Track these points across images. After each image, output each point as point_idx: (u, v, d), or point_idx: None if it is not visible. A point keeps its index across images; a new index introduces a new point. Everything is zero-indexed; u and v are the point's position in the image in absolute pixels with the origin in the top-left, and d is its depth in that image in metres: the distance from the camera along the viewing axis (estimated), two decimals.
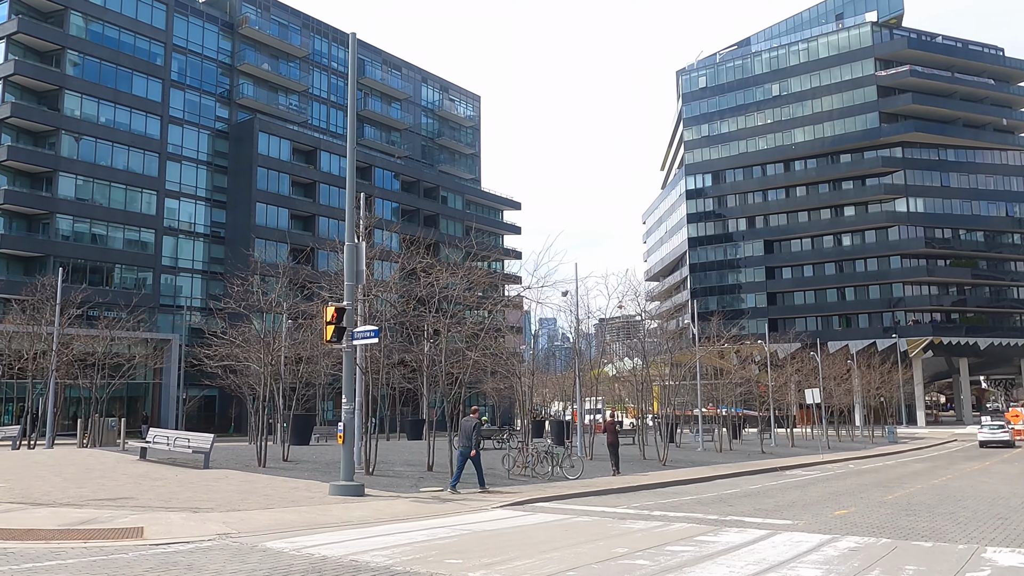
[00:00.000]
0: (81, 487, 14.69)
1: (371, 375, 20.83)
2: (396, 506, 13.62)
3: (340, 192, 69.61)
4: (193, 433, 20.67)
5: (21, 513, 11.41)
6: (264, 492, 14.74)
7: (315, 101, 73.36)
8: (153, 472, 17.85)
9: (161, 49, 60.36)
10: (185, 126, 62.14)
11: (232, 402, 58.86)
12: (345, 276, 15.51)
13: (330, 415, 65.01)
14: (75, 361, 32.82)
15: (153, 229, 58.43)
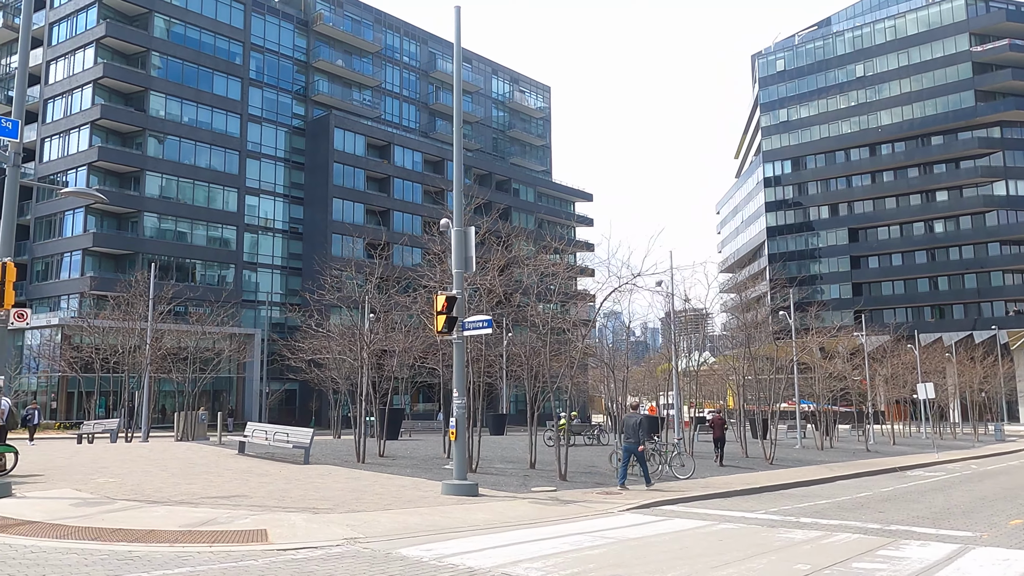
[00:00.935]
0: (191, 483, 14.29)
1: (472, 368, 20.00)
2: (516, 508, 12.70)
3: (414, 187, 69.68)
4: (291, 428, 20.30)
5: (138, 511, 10.94)
6: (375, 491, 14.05)
7: (387, 96, 73.49)
8: (256, 468, 17.45)
9: (240, 48, 61.27)
10: (263, 124, 63.00)
11: (313, 396, 59.51)
12: (453, 263, 14.67)
13: (406, 410, 65.16)
14: (168, 355, 33.24)
15: (234, 226, 59.43)
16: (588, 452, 26.80)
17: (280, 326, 62.72)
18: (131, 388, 36.10)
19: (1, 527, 9.75)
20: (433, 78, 77.23)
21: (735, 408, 39.50)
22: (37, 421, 26.01)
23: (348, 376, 42.64)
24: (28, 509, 11.03)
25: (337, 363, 41.97)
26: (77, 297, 52.33)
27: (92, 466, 17.32)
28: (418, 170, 70.46)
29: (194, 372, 33.84)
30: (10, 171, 12.81)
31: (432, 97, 76.83)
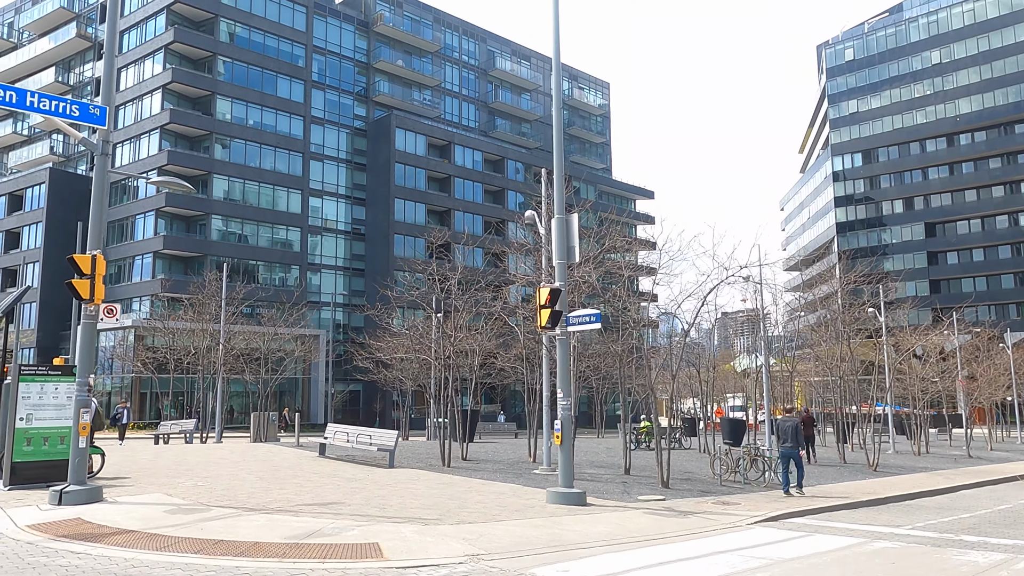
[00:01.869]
0: (281, 488, 13.57)
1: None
2: (634, 520, 11.57)
3: (475, 186, 69.07)
4: (373, 429, 19.56)
5: (236, 520, 10.18)
6: (474, 499, 13.08)
7: (447, 95, 73.06)
8: (341, 471, 16.71)
9: (302, 51, 61.56)
10: (326, 125, 63.20)
11: (376, 396, 59.31)
12: (555, 254, 13.62)
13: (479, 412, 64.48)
14: (240, 356, 33.11)
15: (298, 227, 59.68)
16: (676, 457, 25.44)
17: (343, 327, 62.83)
18: (204, 389, 36.14)
19: (98, 536, 9.08)
20: (492, 76, 76.55)
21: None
22: (126, 420, 25.75)
23: (415, 377, 42.21)
24: (122, 516, 10.39)
25: (404, 364, 41.53)
26: (149, 299, 53.14)
27: (177, 468, 16.84)
28: (478, 169, 69.81)
29: (266, 373, 33.64)
30: (98, 160, 12.29)
31: (491, 96, 76.15)
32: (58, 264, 56.52)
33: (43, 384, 13.44)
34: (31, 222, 59.06)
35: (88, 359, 11.66)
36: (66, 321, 57.10)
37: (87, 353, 11.68)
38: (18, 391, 13.13)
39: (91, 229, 11.99)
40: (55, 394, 13.56)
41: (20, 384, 13.17)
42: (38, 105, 11.54)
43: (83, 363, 11.63)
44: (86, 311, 11.70)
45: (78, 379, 11.58)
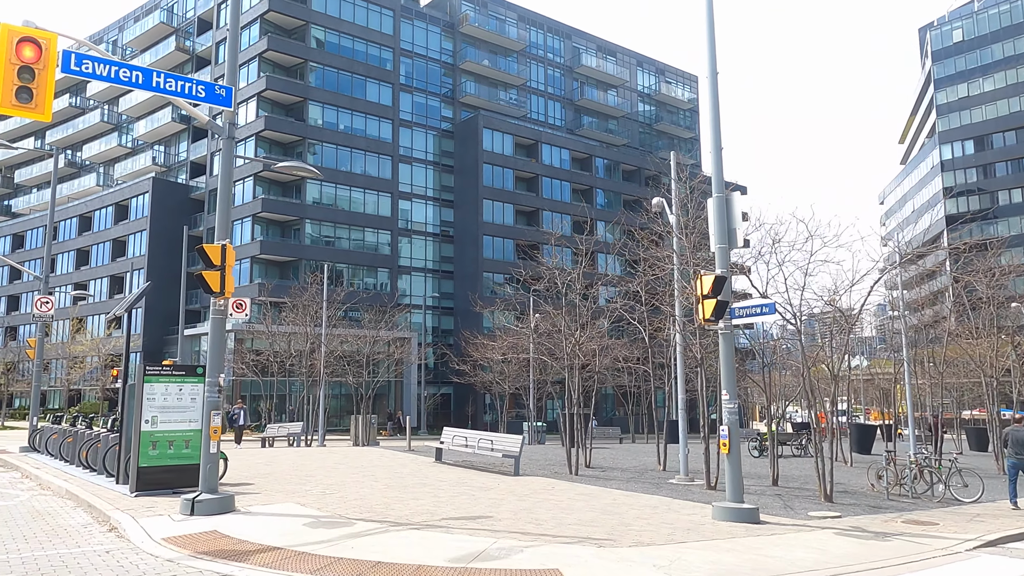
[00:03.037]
0: (416, 497, 12.47)
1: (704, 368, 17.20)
2: (834, 544, 9.87)
3: (562, 185, 67.76)
4: (495, 434, 18.36)
5: (386, 537, 9.05)
6: (630, 514, 11.64)
7: (532, 94, 72.00)
8: (468, 479, 15.55)
9: (390, 54, 61.60)
10: (414, 128, 63.08)
11: (468, 399, 58.67)
12: (714, 238, 12.06)
13: (552, 414, 63.08)
14: (342, 358, 32.72)
15: (388, 230, 59.65)
16: (803, 465, 23.32)
17: (434, 330, 62.47)
18: (303, 392, 35.97)
19: (241, 554, 8.09)
20: (578, 73, 75.07)
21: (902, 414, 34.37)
22: (244, 422, 25.04)
23: (514, 379, 41.08)
24: (261, 530, 9.43)
25: (502, 366, 40.46)
26: (247, 303, 53.89)
27: (297, 474, 16.06)
28: (566, 168, 68.44)
29: (369, 375, 33.15)
30: (225, 144, 11.50)
31: (577, 93, 74.65)
32: (161, 270, 58.22)
33: (167, 385, 12.78)
34: (136, 231, 61.09)
35: (218, 357, 10.83)
36: (170, 326, 58.75)
37: (217, 351, 10.85)
38: (143, 393, 12.50)
39: (218, 218, 11.21)
40: (179, 395, 12.88)
41: (144, 385, 12.54)
42: (164, 86, 10.82)
43: (213, 362, 10.81)
44: (215, 306, 10.89)
45: (208, 379, 10.77)
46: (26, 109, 9.66)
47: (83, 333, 57.99)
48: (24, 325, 68.02)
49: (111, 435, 15.04)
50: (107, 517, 10.49)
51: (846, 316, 17.19)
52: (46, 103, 9.80)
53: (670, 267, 18.84)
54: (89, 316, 61.68)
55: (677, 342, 17.70)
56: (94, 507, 11.38)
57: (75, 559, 8.11)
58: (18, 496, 13.38)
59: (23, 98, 9.59)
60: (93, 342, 55.57)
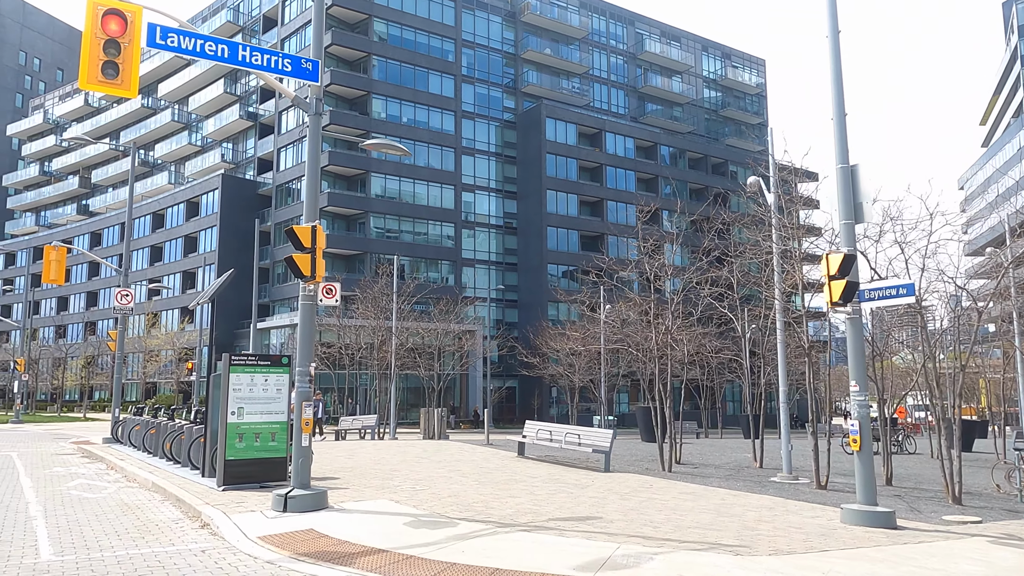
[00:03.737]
0: (512, 495, 11.73)
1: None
2: (1000, 556, 8.70)
3: (627, 174, 66.38)
4: (581, 428, 17.52)
5: (494, 539, 8.31)
6: (749, 516, 10.65)
7: (595, 82, 70.69)
8: (559, 475, 14.75)
9: (452, 46, 61.22)
10: (476, 119, 62.56)
11: (534, 392, 57.94)
12: (840, 212, 10.93)
13: (624, 408, 61.86)
14: (413, 351, 32.37)
15: (452, 223, 59.36)
16: (912, 463, 21.79)
17: (498, 323, 61.90)
18: (372, 385, 35.76)
19: (345, 557, 7.45)
20: (641, 60, 73.38)
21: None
22: (321, 415, 24.56)
23: (585, 371, 40.13)
24: (360, 529, 8.80)
25: (573, 358, 39.55)
26: None
27: (379, 468, 15.54)
28: (630, 156, 67.00)
29: (441, 368, 32.71)
30: (312, 121, 10.95)
31: (640, 80, 72.98)
32: (231, 265, 59.10)
33: (253, 375, 12.34)
34: (206, 227, 62.28)
35: (308, 345, 10.26)
36: (240, 320, 59.71)
37: (307, 339, 10.29)
38: (229, 383, 12.07)
39: (307, 198, 10.66)
40: (264, 386, 12.43)
41: (231, 375, 12.11)
42: (250, 60, 10.30)
43: (304, 350, 10.25)
44: (304, 291, 10.32)
45: (298, 368, 10.22)
46: (112, 85, 9.22)
47: (158, 328, 59.43)
48: (102, 320, 70.22)
49: (195, 427, 14.76)
50: (197, 512, 10.06)
51: (975, 300, 15.70)
52: (132, 79, 9.35)
53: (765, 251, 17.68)
54: (163, 311, 63.22)
55: (778, 329, 16.52)
56: (183, 501, 11.00)
57: (171, 559, 7.61)
58: (106, 488, 13.17)
59: (109, 74, 9.16)
60: (167, 336, 56.87)
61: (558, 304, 62.62)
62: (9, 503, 11.43)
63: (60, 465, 17.52)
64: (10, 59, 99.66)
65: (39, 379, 62.54)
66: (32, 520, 9.88)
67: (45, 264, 23.28)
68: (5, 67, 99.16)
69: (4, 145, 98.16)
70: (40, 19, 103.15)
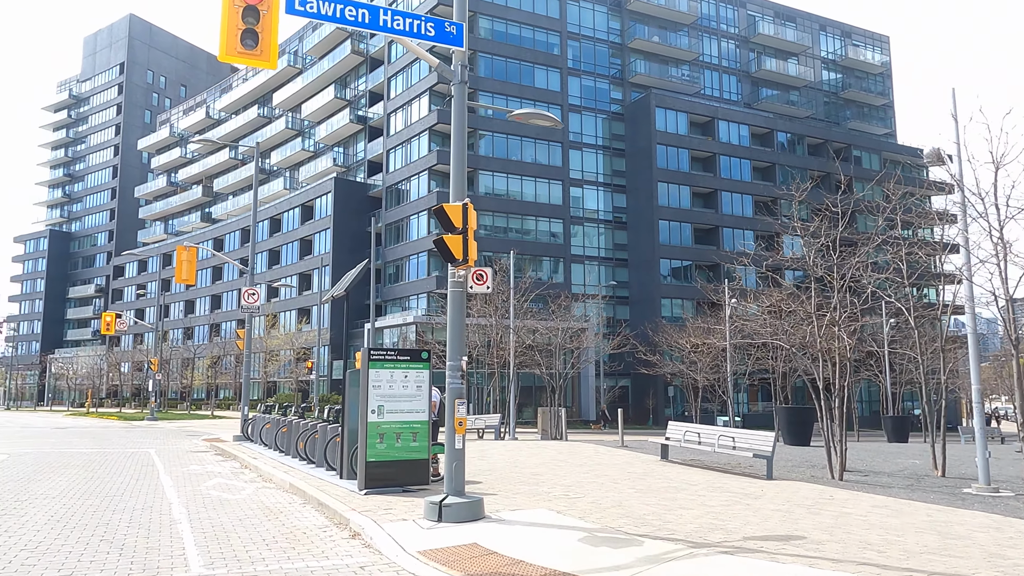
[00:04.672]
0: (683, 505, 10.37)
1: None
2: None
3: (742, 163, 63.32)
4: (736, 430, 15.91)
5: (695, 563, 7.02)
6: (981, 538, 8.87)
7: (706, 69, 67.88)
8: (718, 482, 13.25)
9: (557, 39, 60.13)
10: (583, 112, 61.21)
11: (648, 392, 56.01)
12: None
13: (743, 407, 58.87)
14: (530, 348, 31.42)
15: (561, 219, 58.23)
16: None
17: (609, 320, 60.27)
18: (487, 384, 35.02)
19: None
20: (754, 43, 69.94)
21: None
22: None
23: (710, 369, 38.01)
24: (530, 545, 7.70)
25: (696, 355, 37.55)
26: (425, 296, 54.54)
27: (518, 471, 14.51)
28: (745, 145, 63.87)
29: (556, 367, 31.61)
30: (457, 91, 9.99)
31: (754, 64, 69.55)
32: (345, 266, 60.09)
33: (392, 371, 11.51)
34: (320, 229, 63.75)
35: (459, 336, 9.28)
36: (355, 320, 60.72)
37: (458, 329, 9.31)
38: (369, 380, 11.30)
39: (453, 174, 9.70)
40: (404, 383, 11.58)
41: (370, 371, 11.33)
42: (391, 24, 9.45)
43: (454, 342, 9.27)
44: (454, 277, 9.36)
45: (449, 362, 9.24)
46: (251, 56, 8.53)
47: (277, 328, 61.23)
48: (225, 322, 73.27)
49: (329, 426, 14.18)
50: (344, 519, 9.26)
51: None
52: (271, 49, 8.64)
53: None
54: (281, 312, 65.17)
55: (968, 322, 14.39)
56: (325, 506, 10.27)
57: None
58: (243, 489, 12.72)
59: (248, 44, 8.47)
60: (287, 336, 58.45)
61: (671, 300, 60.46)
62: (152, 503, 11.06)
63: (196, 463, 17.47)
64: (139, 78, 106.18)
65: (170, 378, 65.81)
66: (176, 524, 9.36)
67: (177, 265, 23.67)
68: (135, 86, 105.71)
69: (135, 159, 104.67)
70: (164, 39, 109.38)
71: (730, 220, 61.97)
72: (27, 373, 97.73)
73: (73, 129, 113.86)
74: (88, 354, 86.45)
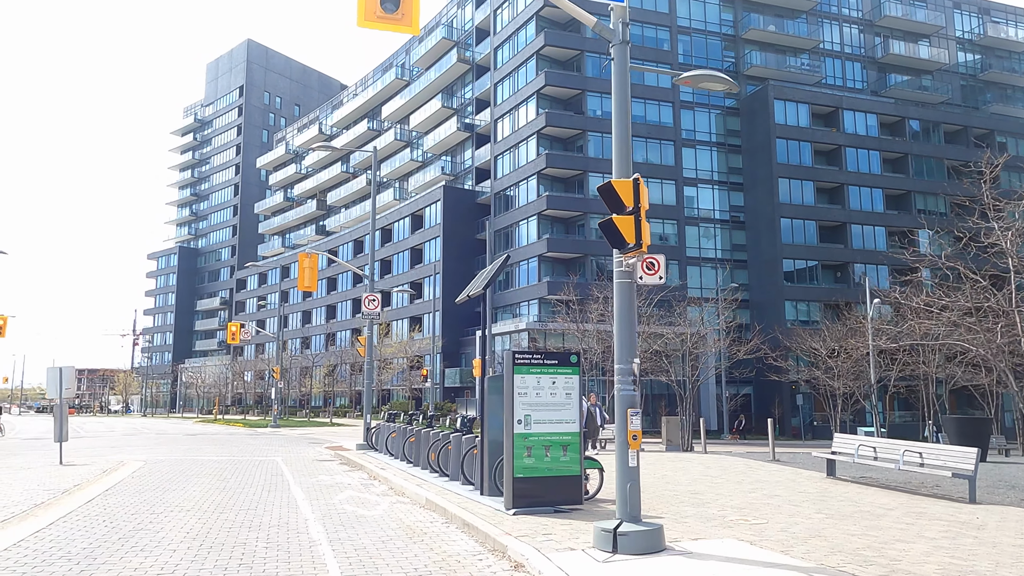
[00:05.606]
0: (897, 537, 8.63)
1: None
2: None
3: (870, 155, 59.36)
4: (922, 445, 13.80)
5: None
6: None
7: (827, 56, 63.90)
8: (913, 505, 11.30)
9: (667, 34, 58.10)
10: (695, 109, 58.81)
11: (774, 400, 52.80)
12: None
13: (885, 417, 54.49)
14: (657, 354, 29.74)
15: (675, 220, 56.01)
16: None
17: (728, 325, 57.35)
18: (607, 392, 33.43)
19: None
20: (880, 26, 65.31)
21: None
22: (600, 422, 21.95)
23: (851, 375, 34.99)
24: None
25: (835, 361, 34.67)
26: (536, 302, 53.57)
27: (673, 488, 13.03)
28: (873, 135, 59.56)
29: (683, 374, 29.80)
30: (617, 52, 8.76)
31: (880, 49, 64.91)
32: (454, 274, 60.13)
33: (539, 377, 10.34)
34: (430, 238, 64.05)
35: (630, 334, 7.99)
36: (465, 328, 60.55)
37: (628, 326, 8.02)
38: (514, 386, 10.17)
39: (616, 147, 8.43)
40: (552, 389, 10.39)
41: (515, 376, 10.21)
42: None
43: (623, 342, 7.98)
44: (620, 267, 8.08)
45: (618, 365, 7.96)
46: (392, 21, 7.59)
47: (389, 337, 61.85)
48: (340, 332, 74.93)
49: (464, 436, 13.17)
50: (500, 546, 8.11)
51: None
52: (414, 12, 7.67)
53: None
54: (394, 321, 65.85)
55: None
56: (473, 527, 9.18)
57: None
58: (378, 504, 11.86)
59: (388, 7, 7.53)
60: (400, 344, 58.88)
61: (795, 303, 56.97)
62: (288, 519, 10.32)
63: (324, 473, 16.94)
64: (257, 100, 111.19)
65: (289, 387, 67.79)
66: (316, 545, 8.50)
67: (300, 272, 23.55)
68: (253, 107, 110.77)
69: (254, 177, 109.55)
70: (279, 61, 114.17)
71: (859, 216, 57.86)
72: (160, 382, 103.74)
73: (198, 151, 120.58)
74: (214, 364, 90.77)
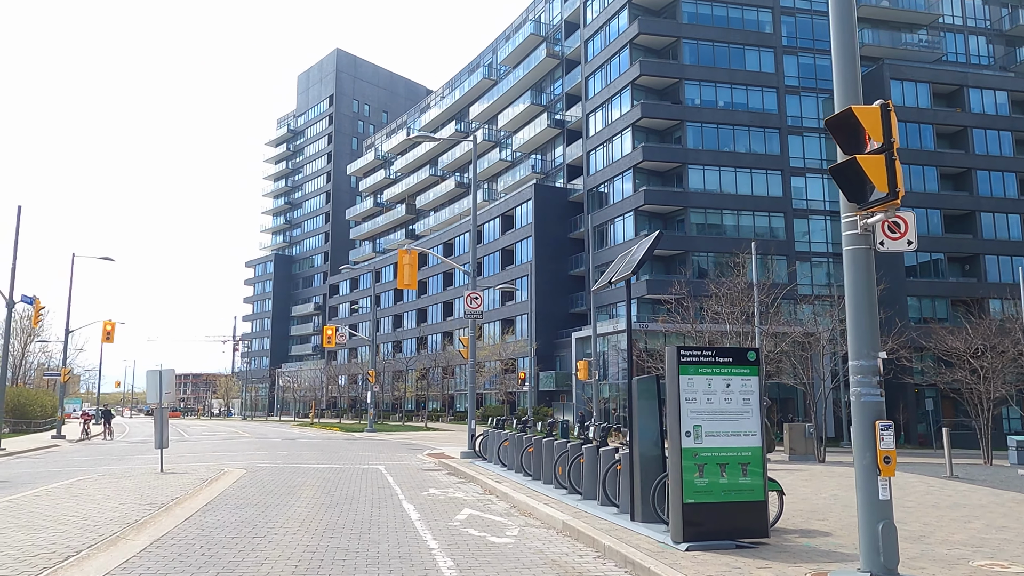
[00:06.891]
0: None
1: None
2: None
3: (1000, 136, 54.01)
4: None
5: None
6: None
7: (947, 31, 58.88)
8: None
9: (768, 16, 54.67)
10: (802, 94, 55.06)
11: (898, 404, 48.56)
12: None
13: (1014, 423, 49.31)
14: (783, 355, 27.10)
15: (781, 212, 52.53)
16: None
17: (842, 322, 53.29)
18: None
19: None
20: None
21: None
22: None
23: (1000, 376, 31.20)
24: None
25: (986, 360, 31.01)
26: (635, 302, 51.16)
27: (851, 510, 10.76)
28: (1003, 114, 54.30)
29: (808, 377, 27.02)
30: None
31: (1007, 20, 59.36)
32: (547, 275, 58.47)
33: (710, 379, 8.37)
34: (521, 238, 62.56)
35: (871, 320, 5.96)
36: (558, 330, 58.72)
37: (867, 309, 5.99)
38: (679, 389, 8.23)
39: (837, 63, 6.45)
40: (727, 393, 8.40)
41: (679, 377, 8.27)
42: None
43: (861, 330, 5.96)
44: (853, 228, 6.04)
45: (853, 362, 5.93)
46: None
47: (482, 339, 60.64)
48: (431, 335, 74.38)
49: (601, 448, 11.29)
50: None
51: None
52: None
53: None
54: (486, 324, 64.64)
55: None
56: (639, 566, 7.30)
57: None
58: (507, 528, 10.12)
59: None
60: (493, 347, 57.57)
61: (919, 299, 52.49)
62: (408, 548, 8.70)
63: (432, 484, 15.43)
64: (347, 108, 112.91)
65: (383, 390, 67.59)
66: None
67: (399, 269, 22.32)
68: (343, 115, 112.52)
69: (345, 183, 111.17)
70: (367, 69, 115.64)
71: (989, 203, 52.86)
72: (259, 386, 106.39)
73: (291, 161, 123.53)
74: (309, 368, 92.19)
